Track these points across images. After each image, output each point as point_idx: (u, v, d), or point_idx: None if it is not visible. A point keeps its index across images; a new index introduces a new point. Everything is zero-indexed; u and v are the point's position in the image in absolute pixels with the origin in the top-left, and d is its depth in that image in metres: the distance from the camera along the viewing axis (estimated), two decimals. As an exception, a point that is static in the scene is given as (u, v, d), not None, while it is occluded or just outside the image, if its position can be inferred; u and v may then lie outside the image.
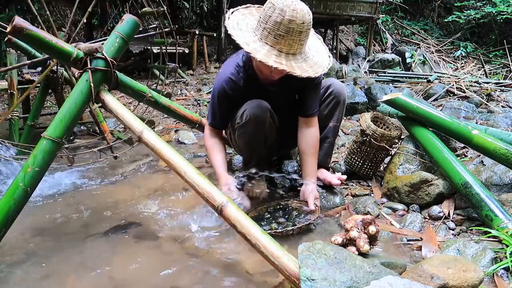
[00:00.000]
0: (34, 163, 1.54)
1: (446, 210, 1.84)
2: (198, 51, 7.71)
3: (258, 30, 1.64)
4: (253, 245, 1.30)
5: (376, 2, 8.28)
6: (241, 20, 1.72)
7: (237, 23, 1.69)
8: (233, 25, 1.66)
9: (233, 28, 1.65)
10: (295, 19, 1.55)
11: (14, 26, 1.51)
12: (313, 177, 2.00)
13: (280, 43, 1.59)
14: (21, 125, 2.89)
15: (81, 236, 1.76)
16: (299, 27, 1.57)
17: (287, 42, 1.58)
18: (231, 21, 1.68)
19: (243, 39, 1.61)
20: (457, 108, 4.12)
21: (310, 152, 1.99)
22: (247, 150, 2.03)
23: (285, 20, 1.54)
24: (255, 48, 1.59)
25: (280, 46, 1.59)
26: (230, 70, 1.90)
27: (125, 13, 1.90)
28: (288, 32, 1.56)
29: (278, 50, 1.60)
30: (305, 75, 1.60)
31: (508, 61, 8.78)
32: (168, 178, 2.47)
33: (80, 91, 1.67)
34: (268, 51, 1.59)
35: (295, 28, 1.56)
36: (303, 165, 2.02)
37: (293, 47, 1.61)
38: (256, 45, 1.60)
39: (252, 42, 1.61)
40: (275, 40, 1.59)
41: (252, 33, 1.66)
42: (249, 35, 1.65)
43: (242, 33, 1.65)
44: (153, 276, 1.46)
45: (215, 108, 1.98)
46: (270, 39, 1.59)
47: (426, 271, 1.17)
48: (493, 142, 1.82)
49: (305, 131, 2.01)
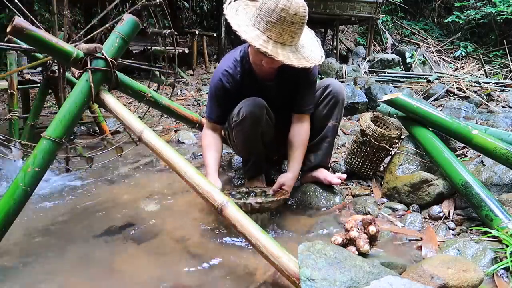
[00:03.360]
0: (34, 163, 1.54)
1: (446, 210, 1.84)
2: (198, 51, 7.71)
3: (253, 17, 1.68)
4: (253, 245, 1.30)
5: (376, 2, 8.29)
6: (242, 9, 1.77)
7: (236, 9, 1.74)
8: (231, 9, 1.71)
9: (230, 10, 1.70)
10: (288, 9, 1.58)
11: (14, 26, 1.51)
12: (294, 171, 1.99)
13: (270, 30, 1.62)
14: (21, 125, 2.89)
15: (81, 236, 1.76)
16: (291, 17, 1.59)
17: (277, 30, 1.61)
18: (231, 5, 1.73)
19: (235, 20, 1.66)
20: (457, 108, 4.13)
21: (296, 145, 1.99)
22: (245, 148, 2.04)
23: (278, 8, 1.58)
24: (245, 30, 1.63)
25: (269, 33, 1.62)
26: (228, 64, 1.93)
27: (125, 13, 1.89)
28: (279, 20, 1.59)
29: (268, 37, 1.62)
30: (288, 62, 1.62)
31: (508, 61, 8.79)
32: (168, 178, 2.47)
33: (80, 91, 1.67)
34: (258, 36, 1.62)
35: (286, 18, 1.59)
36: (289, 159, 2.03)
37: (283, 36, 1.63)
38: (246, 28, 1.64)
39: (244, 26, 1.65)
40: (266, 27, 1.62)
41: (248, 20, 1.70)
42: (243, 19, 1.70)
43: (238, 17, 1.69)
44: (153, 276, 1.46)
45: (212, 101, 1.99)
46: (262, 25, 1.63)
47: (426, 271, 1.17)
48: (493, 142, 1.82)
49: (297, 127, 2.01)
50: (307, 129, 2.02)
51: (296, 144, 1.99)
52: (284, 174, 1.98)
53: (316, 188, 2.09)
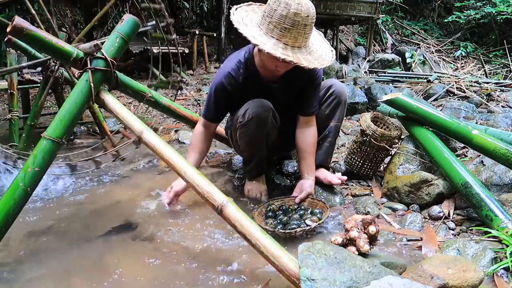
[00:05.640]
0: (34, 163, 1.54)
1: (446, 210, 1.84)
2: (198, 51, 7.70)
3: (263, 25, 1.65)
4: (253, 245, 1.30)
5: (376, 2, 8.27)
6: (245, 16, 1.74)
7: (241, 18, 1.71)
8: (238, 20, 1.68)
9: (238, 22, 1.67)
10: (301, 12, 1.57)
11: (14, 26, 1.51)
12: (312, 174, 2.01)
13: (286, 36, 1.60)
14: (21, 125, 2.89)
15: (81, 236, 1.76)
16: (304, 20, 1.59)
17: (292, 35, 1.60)
18: (236, 16, 1.70)
19: (249, 32, 1.63)
20: (457, 108, 4.13)
21: (308, 150, 2.00)
22: (248, 149, 2.03)
23: (290, 13, 1.56)
24: (262, 41, 1.61)
25: (286, 40, 1.61)
26: (231, 66, 1.91)
27: (125, 13, 1.90)
28: (293, 25, 1.58)
29: (284, 43, 1.61)
30: (312, 66, 1.63)
31: (508, 61, 8.78)
32: (168, 178, 2.46)
33: (80, 91, 1.67)
34: (275, 44, 1.60)
35: (300, 21, 1.58)
36: (301, 163, 2.03)
37: (298, 40, 1.63)
38: (262, 39, 1.62)
39: (258, 36, 1.63)
40: (281, 34, 1.60)
41: (257, 28, 1.67)
42: (254, 29, 1.67)
43: (248, 27, 1.67)
44: (153, 276, 1.46)
45: (210, 101, 1.99)
46: (276, 32, 1.61)
47: (426, 271, 1.17)
48: (493, 142, 1.82)
49: (304, 130, 2.02)
50: (314, 133, 2.03)
51: (308, 149, 2.00)
52: (306, 182, 1.97)
53: (316, 188, 2.09)
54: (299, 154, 2.04)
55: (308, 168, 2.01)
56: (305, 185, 1.95)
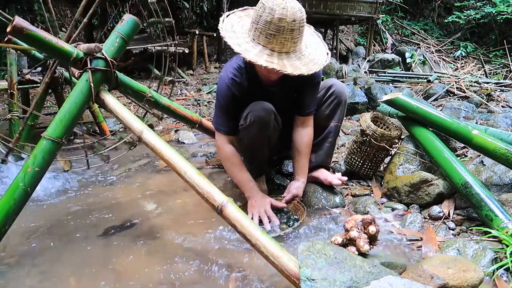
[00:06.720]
0: (34, 163, 1.54)
1: (446, 210, 1.84)
2: (198, 51, 7.70)
3: (251, 31, 1.64)
4: (253, 245, 1.30)
5: (376, 2, 8.27)
6: (237, 23, 1.73)
7: (231, 25, 1.70)
8: (226, 28, 1.67)
9: (226, 30, 1.66)
10: (285, 17, 1.54)
11: (14, 26, 1.51)
12: (303, 176, 2.00)
13: (272, 43, 1.59)
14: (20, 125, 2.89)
15: (81, 236, 1.76)
16: (290, 25, 1.56)
17: (278, 41, 1.58)
18: (225, 24, 1.69)
19: (235, 40, 1.62)
20: (457, 108, 4.13)
21: (301, 151, 2.00)
22: (249, 152, 2.02)
23: (275, 18, 1.54)
24: (246, 48, 1.59)
25: (272, 46, 1.59)
26: (233, 72, 1.89)
27: (125, 13, 1.89)
28: (278, 31, 1.56)
29: (271, 50, 1.59)
30: (297, 73, 1.59)
31: (508, 61, 8.78)
32: (168, 178, 2.46)
33: (80, 91, 1.67)
34: (260, 51, 1.59)
35: (285, 26, 1.55)
36: (295, 164, 2.03)
37: (286, 45, 1.60)
38: (247, 46, 1.61)
39: (244, 43, 1.62)
40: (267, 40, 1.59)
41: (246, 35, 1.66)
42: (242, 36, 1.66)
43: (236, 34, 1.65)
44: (153, 276, 1.46)
45: (223, 113, 1.92)
46: (262, 38, 1.59)
47: (426, 271, 1.17)
48: (493, 142, 1.82)
49: (300, 130, 2.01)
50: (310, 133, 2.02)
51: (302, 150, 1.99)
52: (295, 183, 1.97)
53: (316, 188, 2.09)
54: (293, 154, 2.04)
55: (300, 170, 2.00)
56: (292, 187, 1.95)
